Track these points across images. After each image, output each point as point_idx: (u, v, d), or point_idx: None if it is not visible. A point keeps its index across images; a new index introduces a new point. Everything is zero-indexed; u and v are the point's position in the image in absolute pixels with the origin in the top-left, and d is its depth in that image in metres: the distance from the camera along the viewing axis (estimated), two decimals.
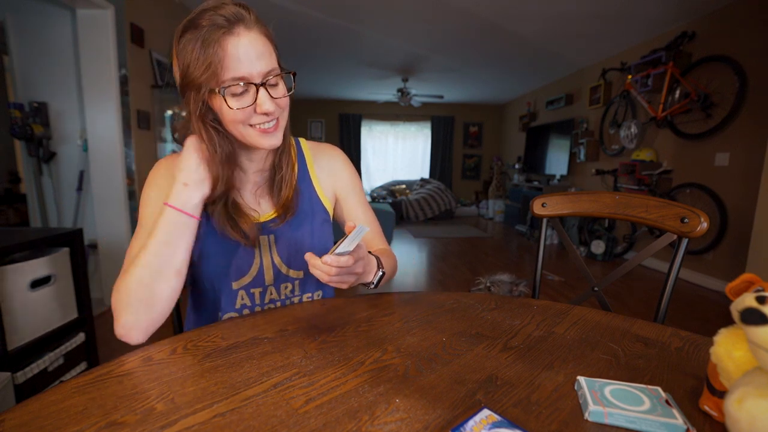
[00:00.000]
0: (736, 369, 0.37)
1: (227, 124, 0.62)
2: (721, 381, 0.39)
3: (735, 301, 0.36)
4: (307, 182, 0.79)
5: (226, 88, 0.57)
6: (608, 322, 0.65)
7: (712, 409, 0.40)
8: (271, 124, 0.63)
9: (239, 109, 0.59)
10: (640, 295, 2.88)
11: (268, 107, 0.60)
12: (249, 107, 0.59)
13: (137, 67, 2.54)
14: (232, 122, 0.61)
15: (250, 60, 0.57)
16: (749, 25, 2.81)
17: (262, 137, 0.63)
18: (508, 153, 7.41)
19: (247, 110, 0.60)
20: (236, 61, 0.56)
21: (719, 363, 0.39)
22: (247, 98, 0.59)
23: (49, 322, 1.39)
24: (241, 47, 0.56)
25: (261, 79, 0.59)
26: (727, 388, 0.38)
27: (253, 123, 0.62)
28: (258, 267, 0.72)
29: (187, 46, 0.56)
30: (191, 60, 0.56)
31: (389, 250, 0.84)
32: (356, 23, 3.54)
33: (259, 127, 0.62)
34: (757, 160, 2.60)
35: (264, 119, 0.62)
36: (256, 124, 0.62)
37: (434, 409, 0.40)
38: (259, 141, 0.63)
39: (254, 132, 0.62)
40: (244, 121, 0.61)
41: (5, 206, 3.96)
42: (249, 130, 0.62)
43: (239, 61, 0.56)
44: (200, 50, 0.55)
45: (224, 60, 0.55)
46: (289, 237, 0.74)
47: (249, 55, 0.57)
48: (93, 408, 0.40)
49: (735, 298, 0.38)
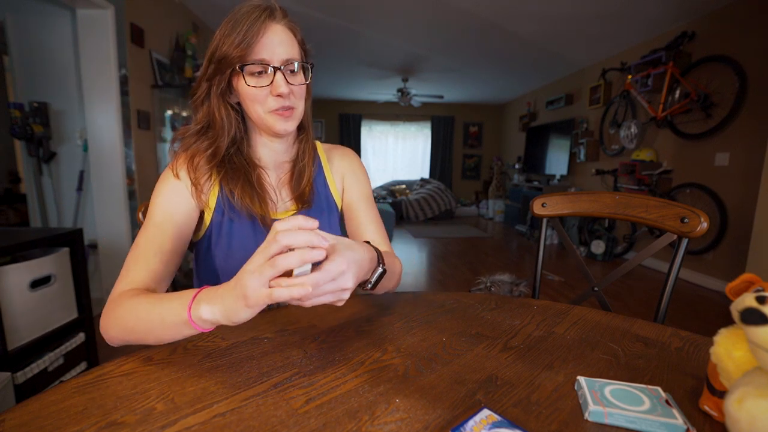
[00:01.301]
0: (736, 369, 0.37)
1: (247, 103, 0.67)
2: (721, 381, 0.39)
3: (735, 301, 0.36)
4: (322, 179, 0.81)
5: (247, 65, 0.62)
6: (608, 322, 0.65)
7: (712, 409, 0.40)
8: (286, 109, 0.66)
9: (255, 88, 0.64)
10: (640, 295, 2.88)
11: (283, 89, 0.63)
12: (265, 87, 0.64)
13: (137, 67, 2.54)
14: (251, 101, 0.66)
15: (273, 45, 0.63)
16: (749, 25, 2.81)
17: (276, 120, 0.66)
18: (508, 153, 7.41)
19: (264, 90, 0.64)
20: (260, 44, 0.62)
21: (719, 363, 0.39)
22: (265, 79, 0.64)
23: (49, 322, 1.39)
24: (267, 33, 0.62)
25: (280, 64, 0.63)
26: (727, 388, 0.38)
27: (270, 107, 0.66)
28: None
29: (223, 25, 0.63)
30: (223, 36, 0.62)
31: (393, 255, 0.80)
32: (356, 23, 3.54)
33: (275, 110, 0.66)
34: (757, 160, 2.60)
35: (279, 102, 0.65)
36: (272, 106, 0.66)
37: (434, 409, 0.40)
38: (274, 123, 0.67)
39: (270, 116, 0.66)
40: (262, 102, 0.65)
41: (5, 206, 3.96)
42: (266, 110, 0.66)
43: (263, 45, 0.62)
44: (232, 29, 0.61)
45: (251, 41, 0.61)
46: None
47: (272, 41, 0.63)
48: (93, 408, 0.40)
49: (735, 298, 0.38)
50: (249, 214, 0.70)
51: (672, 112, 3.33)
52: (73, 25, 2.27)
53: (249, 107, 0.67)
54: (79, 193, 2.43)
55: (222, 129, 0.68)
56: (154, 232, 0.62)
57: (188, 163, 0.67)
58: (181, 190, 0.66)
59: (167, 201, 0.65)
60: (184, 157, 0.68)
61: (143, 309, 0.52)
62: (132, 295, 0.55)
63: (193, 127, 0.70)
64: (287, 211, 0.75)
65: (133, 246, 0.62)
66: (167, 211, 0.65)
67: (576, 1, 2.98)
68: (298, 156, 0.77)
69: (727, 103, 2.92)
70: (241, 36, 0.61)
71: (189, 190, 0.67)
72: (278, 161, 0.76)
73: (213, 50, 0.64)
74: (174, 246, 0.64)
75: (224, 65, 0.63)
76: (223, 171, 0.69)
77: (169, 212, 0.65)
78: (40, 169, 2.38)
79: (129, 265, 0.60)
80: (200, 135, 0.70)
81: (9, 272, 1.25)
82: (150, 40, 2.67)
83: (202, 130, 0.70)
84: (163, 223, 0.63)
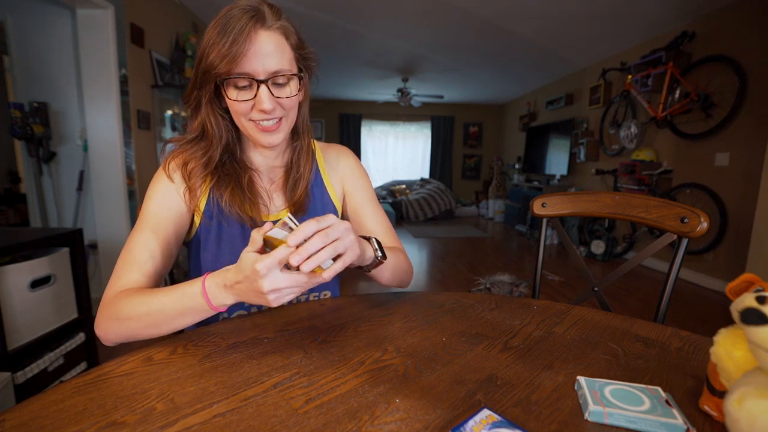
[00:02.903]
0: (736, 369, 0.37)
1: (232, 113, 0.64)
2: (721, 381, 0.39)
3: (735, 301, 0.36)
4: (319, 183, 0.78)
5: (231, 79, 0.59)
6: (608, 322, 0.65)
7: (712, 409, 0.40)
8: (271, 123, 0.64)
9: (238, 101, 0.61)
10: (640, 295, 2.88)
11: (266, 105, 0.60)
12: (248, 102, 0.61)
13: (137, 67, 2.54)
14: (234, 113, 0.64)
15: (259, 57, 0.58)
16: (749, 25, 2.81)
17: (260, 134, 0.64)
18: (508, 153, 7.41)
19: (248, 104, 0.61)
20: (246, 57, 0.57)
21: (719, 363, 0.39)
22: (249, 93, 0.60)
23: (49, 322, 1.39)
24: (254, 44, 0.58)
25: (265, 77, 0.60)
26: (727, 388, 0.38)
27: (253, 118, 0.63)
28: None
29: (210, 29, 0.59)
30: (208, 45, 0.59)
31: (401, 249, 0.79)
32: (356, 23, 3.54)
33: (259, 123, 0.63)
34: (757, 160, 2.60)
35: (263, 116, 0.62)
36: (256, 120, 0.63)
37: (434, 409, 0.40)
38: (258, 137, 0.65)
39: (254, 128, 0.64)
40: (245, 115, 0.63)
41: (5, 206, 3.96)
42: (250, 124, 0.64)
43: (248, 58, 0.58)
44: (218, 36, 0.57)
45: (236, 53, 0.57)
46: None
47: (259, 52, 0.58)
48: (93, 408, 0.40)
49: (735, 298, 0.38)
50: (239, 217, 0.68)
51: (672, 112, 3.33)
52: (73, 25, 2.27)
53: (235, 118, 0.65)
54: (79, 193, 2.43)
55: (214, 138, 0.66)
56: (147, 236, 0.62)
57: (182, 168, 0.67)
58: (174, 193, 0.66)
59: (159, 203, 0.65)
60: (177, 162, 0.67)
61: (149, 300, 0.54)
62: (131, 293, 0.56)
63: (189, 136, 0.68)
64: (279, 214, 0.73)
65: (125, 248, 0.62)
66: (159, 213, 0.64)
67: (576, 1, 2.98)
68: (291, 161, 0.74)
69: (727, 103, 2.92)
70: (227, 47, 0.56)
71: (181, 193, 0.66)
72: (270, 165, 0.75)
73: (199, 58, 0.61)
74: (166, 249, 0.64)
75: (209, 77, 0.60)
76: (216, 177, 0.68)
77: (161, 214, 0.64)
78: (40, 169, 2.38)
79: (122, 268, 0.60)
80: (194, 144, 0.68)
81: (9, 272, 1.25)
82: (150, 40, 2.67)
83: (196, 139, 0.68)
84: (155, 226, 0.63)
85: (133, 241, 0.62)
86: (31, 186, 2.41)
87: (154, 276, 0.62)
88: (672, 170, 3.47)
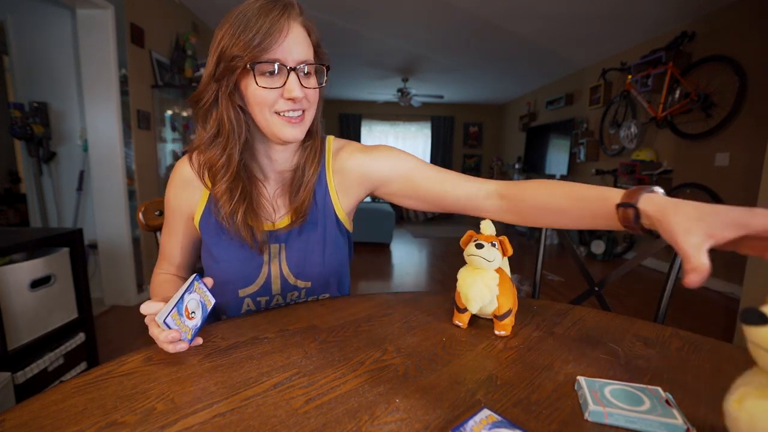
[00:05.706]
0: (465, 297, 0.57)
1: (254, 107, 0.61)
2: (461, 301, 0.61)
3: (465, 250, 0.62)
4: (323, 186, 0.73)
5: (259, 64, 0.58)
6: (608, 322, 0.65)
7: (458, 320, 0.62)
8: (297, 114, 0.62)
9: (267, 89, 0.59)
10: (640, 295, 2.88)
11: (297, 93, 0.59)
12: (277, 89, 0.59)
13: (137, 67, 2.54)
14: (258, 105, 0.60)
15: (290, 45, 0.58)
16: (749, 25, 2.81)
17: (285, 127, 0.62)
18: (508, 153, 7.41)
19: (275, 93, 0.59)
20: (277, 43, 0.57)
21: (460, 290, 0.60)
22: (277, 81, 0.59)
23: (49, 322, 1.39)
24: (284, 31, 0.58)
25: (294, 65, 0.59)
26: (467, 306, 0.60)
27: (279, 110, 0.61)
28: (265, 277, 0.71)
29: (233, 21, 0.58)
30: (233, 34, 0.57)
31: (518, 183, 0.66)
32: (356, 23, 3.53)
33: (285, 115, 0.61)
34: (757, 160, 2.59)
35: (290, 106, 0.61)
36: (281, 111, 0.61)
37: (434, 409, 0.40)
38: (282, 130, 0.62)
39: (278, 120, 0.62)
40: (271, 106, 0.60)
41: (5, 206, 3.96)
42: (274, 117, 0.61)
43: (279, 44, 0.57)
44: (244, 26, 0.56)
45: (267, 39, 0.56)
46: (299, 247, 0.71)
47: (290, 40, 0.58)
48: (93, 408, 0.40)
49: (465, 247, 0.62)
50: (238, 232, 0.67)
51: (672, 112, 3.33)
52: (73, 25, 2.28)
53: (256, 111, 0.61)
54: (79, 193, 2.43)
55: (232, 133, 0.63)
56: (168, 230, 0.76)
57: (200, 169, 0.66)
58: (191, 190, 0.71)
59: (176, 197, 0.72)
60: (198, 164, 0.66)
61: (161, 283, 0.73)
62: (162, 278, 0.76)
63: (205, 135, 0.64)
64: (281, 221, 0.71)
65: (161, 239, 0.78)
66: (176, 209, 0.73)
67: (576, 1, 2.98)
68: (299, 165, 0.71)
69: (727, 103, 2.92)
70: (257, 33, 0.56)
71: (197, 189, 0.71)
72: (278, 170, 0.71)
73: (222, 49, 0.58)
74: (189, 240, 0.77)
75: (235, 64, 0.58)
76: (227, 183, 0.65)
77: (179, 210, 0.73)
78: (40, 169, 2.38)
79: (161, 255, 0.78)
80: (211, 142, 0.64)
81: (9, 272, 1.25)
82: (150, 40, 2.67)
83: (213, 137, 0.64)
84: (174, 222, 0.74)
85: (162, 238, 0.76)
86: (31, 186, 2.41)
87: (186, 263, 0.79)
88: (672, 170, 3.46)
